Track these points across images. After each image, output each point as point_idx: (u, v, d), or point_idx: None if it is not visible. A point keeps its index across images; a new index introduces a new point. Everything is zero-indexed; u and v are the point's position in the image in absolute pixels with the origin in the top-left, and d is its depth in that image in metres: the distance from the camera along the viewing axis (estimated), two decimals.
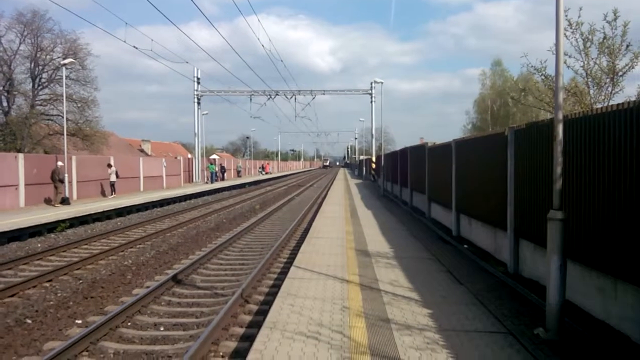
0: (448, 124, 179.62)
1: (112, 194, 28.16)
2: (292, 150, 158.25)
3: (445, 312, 6.64)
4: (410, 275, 8.80)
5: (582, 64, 13.20)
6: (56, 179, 22.96)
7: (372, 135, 47.59)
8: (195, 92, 47.39)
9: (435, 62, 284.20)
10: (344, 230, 14.47)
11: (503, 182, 9.67)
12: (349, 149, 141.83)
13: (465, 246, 12.00)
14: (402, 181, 26.31)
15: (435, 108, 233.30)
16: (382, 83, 39.22)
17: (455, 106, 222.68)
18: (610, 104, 11.10)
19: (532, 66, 14.33)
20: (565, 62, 9.87)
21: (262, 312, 7.72)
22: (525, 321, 6.27)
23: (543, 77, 14.38)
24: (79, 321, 7.86)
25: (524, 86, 19.52)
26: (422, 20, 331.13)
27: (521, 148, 8.95)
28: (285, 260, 12.31)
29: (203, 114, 50.16)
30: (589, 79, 13.31)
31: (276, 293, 7.80)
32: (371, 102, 46.51)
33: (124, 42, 20.89)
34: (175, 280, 10.12)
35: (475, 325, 6.10)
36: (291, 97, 46.12)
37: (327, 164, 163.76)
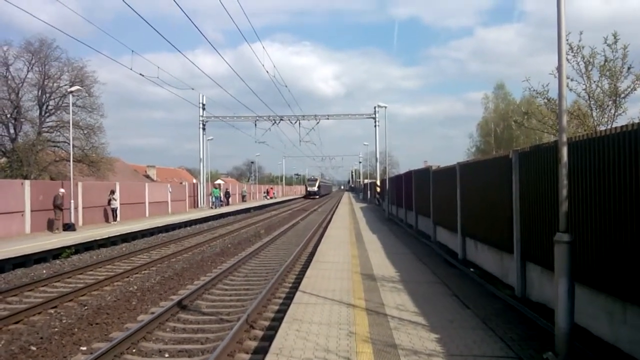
0: (452, 147, 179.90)
1: (114, 220, 28.36)
2: (297, 174, 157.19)
3: (452, 336, 6.57)
4: (417, 299, 8.73)
5: (584, 86, 13.31)
6: (56, 205, 23.05)
7: (376, 158, 47.63)
8: (201, 118, 47.75)
9: (438, 86, 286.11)
10: (349, 254, 14.42)
11: (508, 205, 9.65)
12: (354, 173, 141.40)
13: (472, 270, 11.92)
14: (407, 204, 26.27)
15: (439, 132, 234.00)
16: (385, 107, 39.40)
17: (458, 130, 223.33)
18: (613, 126, 11.13)
19: (534, 90, 14.46)
20: (567, 85, 9.93)
21: (268, 338, 7.66)
22: (534, 345, 6.20)
23: (546, 100, 14.49)
24: (84, 348, 7.82)
25: (526, 109, 19.63)
26: (424, 45, 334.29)
27: (526, 171, 8.95)
28: (290, 285, 12.25)
29: (208, 140, 50.46)
30: (592, 102, 13.39)
31: (282, 318, 7.75)
32: (375, 126, 46.68)
33: (130, 69, 21.18)
34: (181, 306, 10.07)
35: (484, 350, 6.03)
36: (295, 122, 46.38)
37: (315, 188, 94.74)
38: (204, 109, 47.91)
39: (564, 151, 5.77)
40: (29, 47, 38.16)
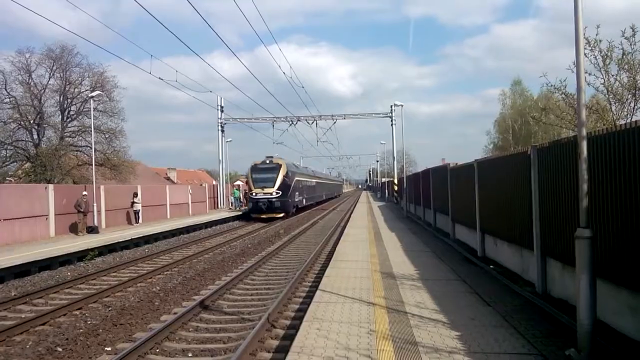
0: (469, 144, 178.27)
1: (137, 222, 28.79)
2: None
3: (473, 334, 6.57)
4: (437, 297, 8.73)
5: (602, 80, 13.15)
6: (78, 208, 23.43)
7: (393, 157, 47.62)
8: (220, 120, 48.14)
9: (454, 84, 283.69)
10: (368, 253, 14.43)
11: (527, 201, 9.59)
12: (371, 172, 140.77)
13: (492, 267, 11.86)
14: (425, 202, 26.17)
15: (456, 129, 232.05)
16: (402, 106, 39.34)
17: (475, 127, 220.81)
18: (633, 119, 10.98)
19: (552, 85, 14.31)
20: (585, 80, 9.84)
21: (289, 337, 7.73)
22: (556, 342, 6.17)
23: (564, 95, 14.34)
24: (109, 348, 7.97)
25: (544, 105, 19.46)
26: (440, 43, 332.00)
27: (545, 166, 8.89)
28: (310, 284, 12.32)
29: (227, 141, 50.79)
30: (610, 96, 13.22)
31: (302, 317, 7.81)
32: (392, 124, 46.61)
33: (150, 73, 21.45)
34: (203, 306, 10.20)
35: (505, 347, 6.02)
36: (312, 123, 46.46)
37: (269, 194, 34.83)
38: (222, 111, 48.31)
39: (584, 146, 5.73)
40: (51, 53, 38.80)
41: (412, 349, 5.97)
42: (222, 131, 48.57)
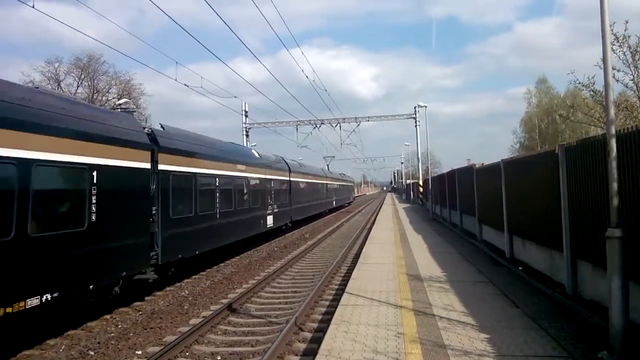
0: (494, 144, 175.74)
1: None
2: None
3: (503, 336, 6.51)
4: (465, 299, 8.66)
5: (631, 77, 12.92)
6: None
7: (418, 158, 47.37)
8: (244, 125, 48.50)
9: (478, 84, 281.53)
10: (394, 255, 14.39)
11: (556, 201, 9.46)
12: (395, 174, 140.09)
13: (520, 268, 11.71)
14: (451, 204, 25.96)
15: (480, 129, 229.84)
16: (425, 107, 39.13)
17: (500, 126, 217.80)
18: None
19: (579, 82, 14.10)
20: (614, 76, 9.67)
21: (317, 340, 7.76)
22: (587, 344, 6.08)
23: (591, 92, 14.12)
24: (139, 352, 8.10)
25: (572, 103, 19.17)
26: (462, 43, 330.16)
27: (573, 165, 8.76)
28: (337, 286, 12.33)
29: (252, 146, 51.15)
30: None
31: (330, 320, 7.84)
32: (415, 126, 46.29)
33: (175, 80, 21.74)
34: (231, 309, 10.30)
35: (535, 350, 5.95)
36: (336, 125, 46.40)
37: None
38: (246, 116, 48.63)
39: (613, 143, 5.65)
40: (78, 63, 39.83)
41: (440, 352, 5.95)
42: (247, 136, 48.89)
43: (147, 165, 11.30)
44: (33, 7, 11.43)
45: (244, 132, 48.36)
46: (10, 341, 8.15)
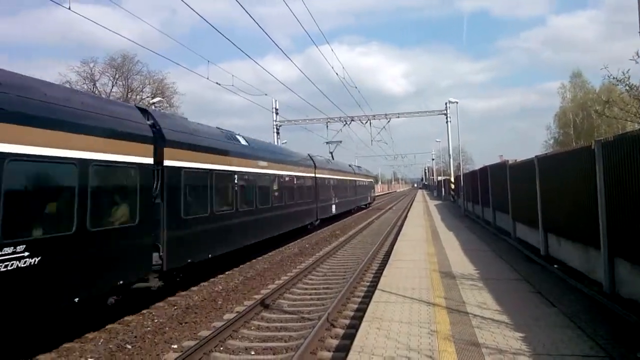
0: (527, 140, 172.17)
1: None
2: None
3: (538, 335, 6.44)
4: (499, 297, 8.58)
5: None
6: None
7: (449, 155, 46.79)
8: (275, 123, 48.77)
9: (510, 79, 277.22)
10: (426, 252, 14.31)
11: (593, 198, 9.27)
12: (426, 170, 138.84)
13: (555, 266, 11.52)
14: (484, 201, 25.63)
15: (513, 125, 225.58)
16: (457, 103, 38.68)
17: (533, 122, 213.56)
18: None
19: (614, 77, 13.76)
20: None
21: (349, 336, 7.80)
22: (626, 344, 5.98)
23: (627, 87, 13.76)
24: (175, 346, 8.29)
25: (607, 98, 18.71)
26: (494, 37, 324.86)
27: (610, 161, 8.58)
28: (368, 283, 12.35)
29: (282, 143, 51.43)
30: None
31: (362, 317, 7.87)
32: (446, 122, 45.72)
33: (207, 78, 22.03)
34: (263, 305, 10.43)
35: (572, 349, 5.88)
36: (366, 122, 46.20)
37: None
38: (277, 113, 48.88)
39: None
40: (113, 62, 40.71)
41: (474, 351, 5.92)
42: (278, 133, 49.17)
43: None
44: (69, 8, 11.74)
45: (275, 130, 48.65)
46: (52, 334, 8.45)
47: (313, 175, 26.04)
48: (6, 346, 7.56)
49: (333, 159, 39.95)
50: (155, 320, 9.86)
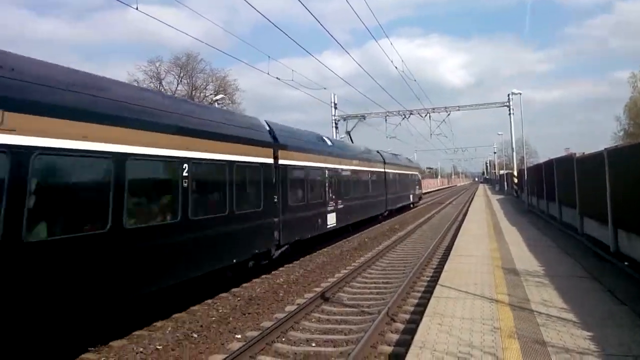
0: (595, 132, 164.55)
1: None
2: (429, 168, 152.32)
3: (608, 335, 6.22)
4: (565, 294, 8.32)
5: None
6: None
7: (512, 148, 45.39)
8: (334, 117, 48.93)
9: (577, 68, 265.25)
10: (488, 247, 14.02)
11: None
12: (488, 164, 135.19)
13: (626, 263, 11.03)
14: (549, 195, 24.76)
15: (579, 116, 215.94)
16: (520, 94, 37.49)
17: (601, 113, 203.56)
18: None
19: None
20: None
21: (409, 331, 7.81)
22: None
23: None
24: (239, 335, 8.55)
25: None
26: (559, 25, 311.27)
27: None
28: (428, 278, 12.27)
29: (341, 138, 51.58)
30: None
31: (422, 312, 7.85)
32: (509, 114, 44.40)
33: (267, 74, 22.34)
34: (323, 297, 10.56)
35: None
36: (425, 116, 45.57)
37: None
38: (336, 108, 49.01)
39: None
40: (178, 61, 42.12)
41: (540, 349, 5.80)
42: (336, 128, 49.28)
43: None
44: (137, 9, 12.22)
45: (334, 124, 48.79)
46: (124, 322, 8.90)
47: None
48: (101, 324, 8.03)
49: (351, 139, 41.55)
50: (220, 311, 10.19)
